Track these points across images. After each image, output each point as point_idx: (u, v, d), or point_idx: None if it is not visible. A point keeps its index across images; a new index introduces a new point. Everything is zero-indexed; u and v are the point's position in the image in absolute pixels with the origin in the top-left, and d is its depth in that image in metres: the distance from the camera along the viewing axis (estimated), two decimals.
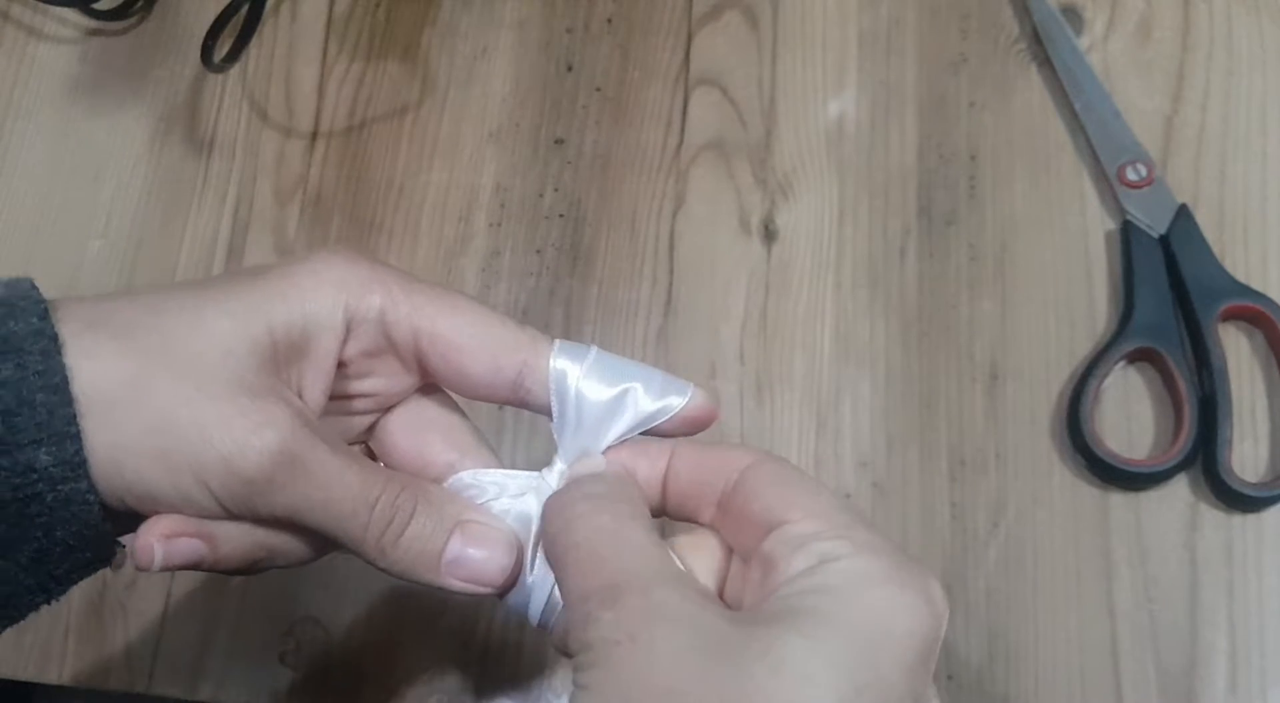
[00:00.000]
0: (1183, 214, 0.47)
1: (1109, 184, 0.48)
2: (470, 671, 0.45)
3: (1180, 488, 0.44)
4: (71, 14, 0.56)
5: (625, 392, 0.31)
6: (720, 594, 0.30)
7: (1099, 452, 0.44)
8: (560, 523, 0.29)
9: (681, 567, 0.29)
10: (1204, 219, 0.47)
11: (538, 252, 0.50)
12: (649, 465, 0.32)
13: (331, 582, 0.46)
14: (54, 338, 0.28)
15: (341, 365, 0.32)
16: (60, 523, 0.28)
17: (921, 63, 0.52)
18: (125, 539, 0.30)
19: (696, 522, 0.31)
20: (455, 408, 0.35)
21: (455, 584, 0.31)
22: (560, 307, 0.49)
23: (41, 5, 0.55)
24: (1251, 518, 0.44)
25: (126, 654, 0.46)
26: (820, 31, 0.52)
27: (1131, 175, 0.48)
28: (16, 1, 0.57)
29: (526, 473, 0.33)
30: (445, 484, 0.33)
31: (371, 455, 0.35)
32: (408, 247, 0.51)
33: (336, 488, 0.29)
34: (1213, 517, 0.44)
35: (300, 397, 0.31)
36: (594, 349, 0.32)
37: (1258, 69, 0.50)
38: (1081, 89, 0.50)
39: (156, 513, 0.29)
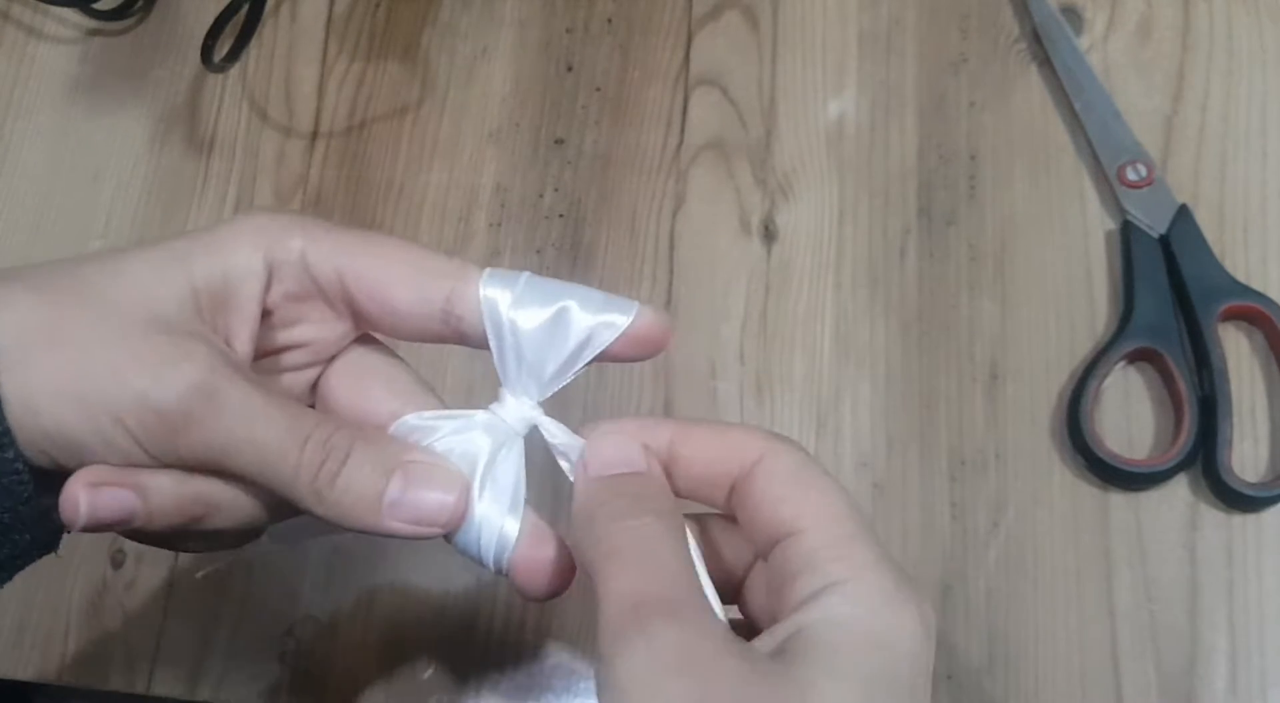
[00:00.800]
0: (1183, 214, 0.47)
1: (1109, 184, 0.48)
2: (470, 671, 0.45)
3: (1180, 488, 0.44)
4: (71, 14, 0.56)
5: (560, 311, 0.30)
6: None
7: (1099, 452, 0.44)
8: (605, 526, 0.28)
9: (709, 587, 0.28)
10: (1204, 219, 0.47)
11: (538, 252, 0.50)
12: (650, 441, 0.31)
13: (331, 582, 0.46)
14: None
15: (268, 314, 0.31)
16: None
17: (921, 63, 0.52)
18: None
19: (711, 506, 0.31)
20: (395, 357, 0.34)
21: (399, 527, 0.30)
22: None
23: (41, 5, 0.55)
24: (1251, 518, 0.44)
25: (126, 654, 0.46)
26: (820, 31, 0.52)
27: (1131, 175, 0.48)
28: (16, 1, 0.57)
29: (472, 410, 0.31)
30: (390, 431, 0.31)
31: None
32: None
33: (260, 425, 0.28)
34: (1213, 517, 0.44)
35: (229, 345, 0.30)
36: (525, 274, 0.31)
37: (1258, 69, 0.50)
38: (1081, 89, 0.50)
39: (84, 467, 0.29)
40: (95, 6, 0.54)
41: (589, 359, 0.31)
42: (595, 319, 0.30)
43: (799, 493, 0.29)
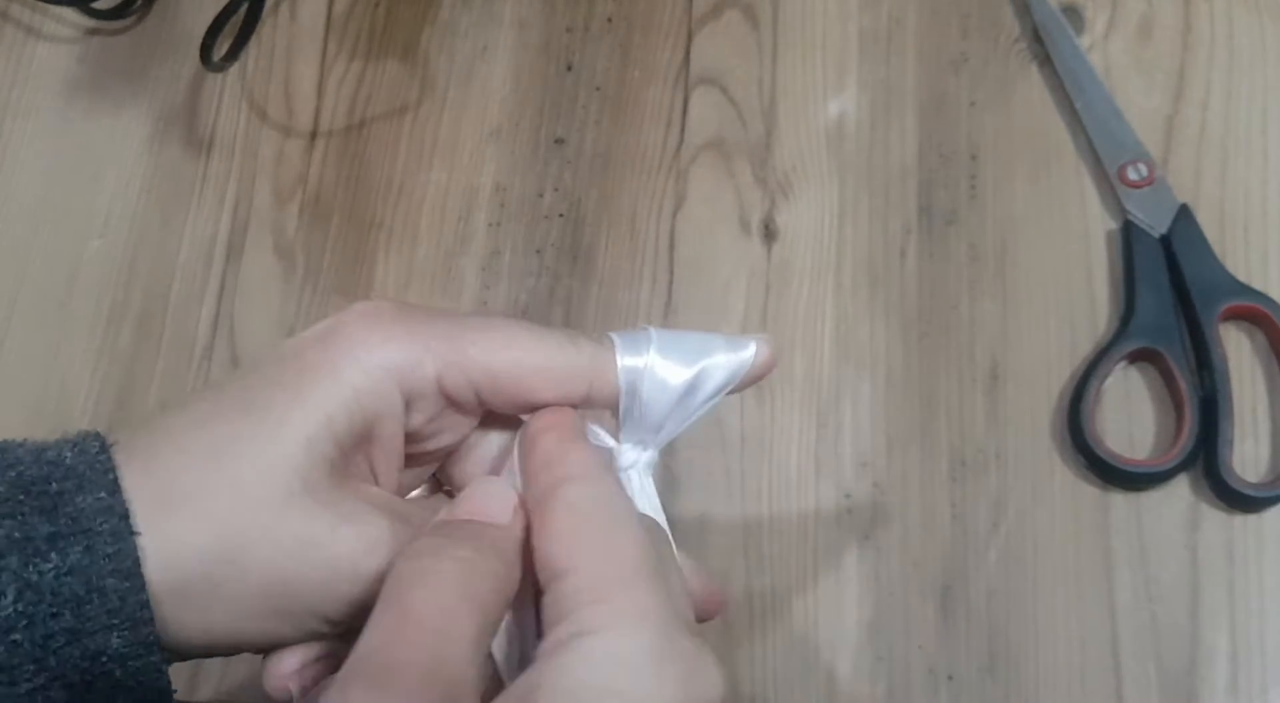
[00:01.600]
0: (1183, 214, 0.47)
1: (1110, 184, 0.48)
2: None
3: (1181, 488, 0.44)
4: (70, 13, 0.56)
5: (701, 372, 0.30)
6: None
7: (1099, 452, 0.44)
8: (413, 566, 0.26)
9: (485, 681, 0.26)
10: (1205, 219, 0.47)
11: (538, 251, 0.50)
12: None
13: None
14: (124, 516, 0.26)
15: (409, 437, 0.30)
16: (125, 692, 0.27)
17: (922, 62, 0.51)
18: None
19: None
20: (513, 422, 0.33)
21: None
22: (560, 307, 0.49)
23: (40, 5, 0.55)
24: (1252, 518, 0.44)
25: None
26: (820, 31, 0.52)
27: (1132, 175, 0.48)
28: (15, 1, 0.57)
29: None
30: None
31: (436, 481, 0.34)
32: (407, 246, 0.51)
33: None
34: (1214, 517, 0.44)
35: (376, 481, 0.30)
36: (652, 332, 0.31)
37: (1259, 68, 0.50)
38: (1082, 88, 0.50)
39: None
40: (94, 6, 0.54)
41: (713, 405, 0.31)
42: (724, 372, 0.31)
43: (579, 532, 0.26)
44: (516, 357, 0.29)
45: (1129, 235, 0.47)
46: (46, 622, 0.25)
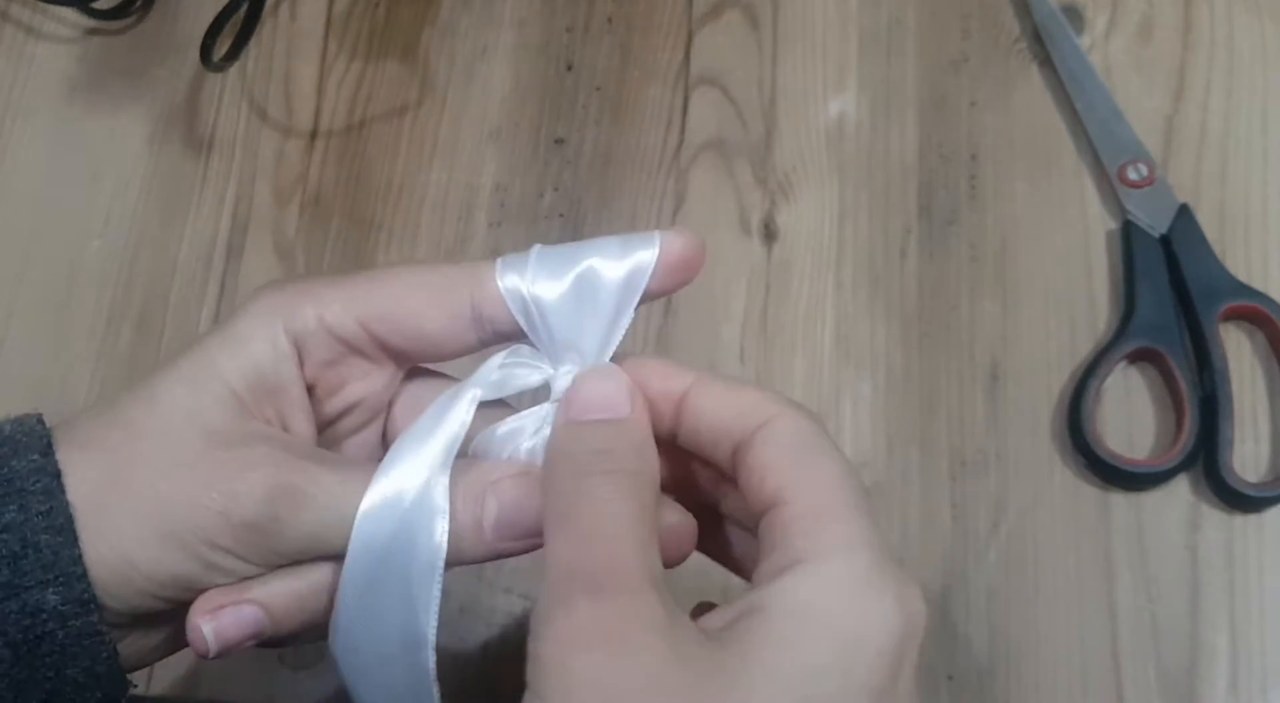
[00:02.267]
0: (1183, 214, 0.47)
1: (1110, 183, 0.48)
2: (469, 672, 0.44)
3: (1181, 488, 0.44)
4: (70, 13, 0.56)
5: (583, 273, 0.29)
6: None
7: (1100, 452, 0.44)
8: (569, 478, 0.27)
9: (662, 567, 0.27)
10: (1205, 219, 0.47)
11: None
12: (662, 385, 0.30)
13: None
14: (56, 475, 0.28)
15: (312, 388, 0.31)
16: (71, 660, 0.28)
17: (922, 62, 0.51)
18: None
19: (710, 462, 0.30)
20: (447, 378, 0.34)
21: (511, 546, 0.29)
22: None
23: (40, 5, 0.55)
24: (1253, 518, 0.44)
25: None
26: (820, 31, 0.52)
27: (1132, 175, 0.48)
28: (15, 1, 0.57)
29: (538, 408, 0.31)
30: (470, 453, 0.31)
31: None
32: (407, 246, 0.51)
33: (343, 502, 0.28)
34: (1214, 517, 0.44)
35: (288, 431, 0.30)
36: (535, 248, 0.30)
37: (1259, 68, 0.50)
38: (1082, 88, 0.50)
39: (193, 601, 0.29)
40: (94, 6, 0.54)
41: (634, 306, 0.29)
42: (624, 266, 0.29)
43: (791, 461, 0.27)
44: (395, 284, 0.30)
45: (1129, 235, 0.47)
46: None
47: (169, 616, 0.29)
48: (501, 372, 0.31)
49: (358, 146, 0.53)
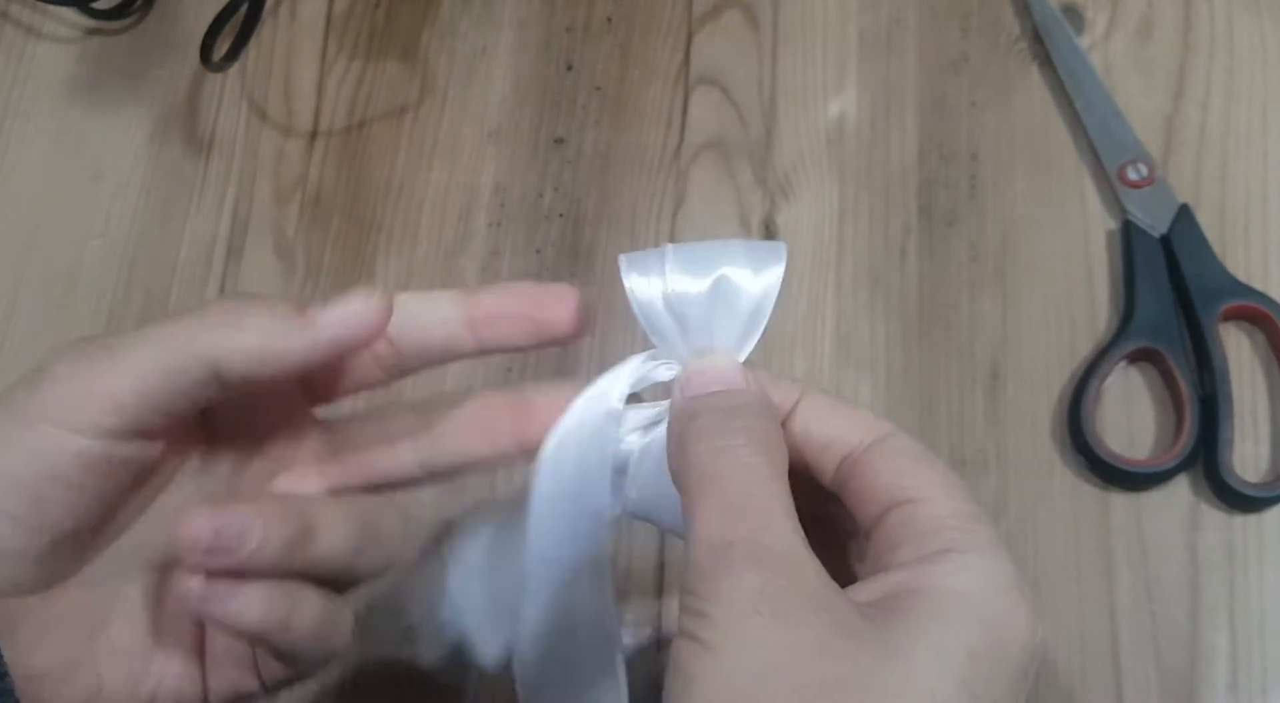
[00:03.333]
0: (1184, 214, 0.47)
1: (1110, 183, 0.48)
2: (469, 674, 0.44)
3: (1181, 488, 0.44)
4: (70, 13, 0.56)
5: (721, 278, 0.29)
6: None
7: (1100, 452, 0.44)
8: (707, 449, 0.27)
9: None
10: (1205, 219, 0.47)
11: (538, 251, 0.50)
12: (776, 395, 0.30)
13: None
14: None
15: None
16: None
17: (922, 62, 0.51)
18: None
19: (810, 477, 0.30)
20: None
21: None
22: None
23: (40, 4, 0.55)
24: (1253, 518, 0.44)
25: None
26: (820, 31, 0.52)
27: (1132, 175, 0.48)
28: (15, 1, 0.57)
29: (658, 403, 0.30)
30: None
31: None
32: (407, 246, 0.51)
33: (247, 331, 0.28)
34: (1214, 517, 0.44)
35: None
36: (669, 247, 0.30)
37: (1259, 68, 0.50)
38: (1082, 88, 0.50)
39: None
40: (94, 6, 0.54)
41: (767, 318, 0.30)
42: (760, 279, 0.29)
43: (922, 469, 0.28)
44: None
45: (1129, 235, 0.47)
46: None
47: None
48: (642, 371, 0.30)
49: (358, 146, 0.53)
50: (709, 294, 0.29)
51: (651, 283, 0.29)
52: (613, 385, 0.30)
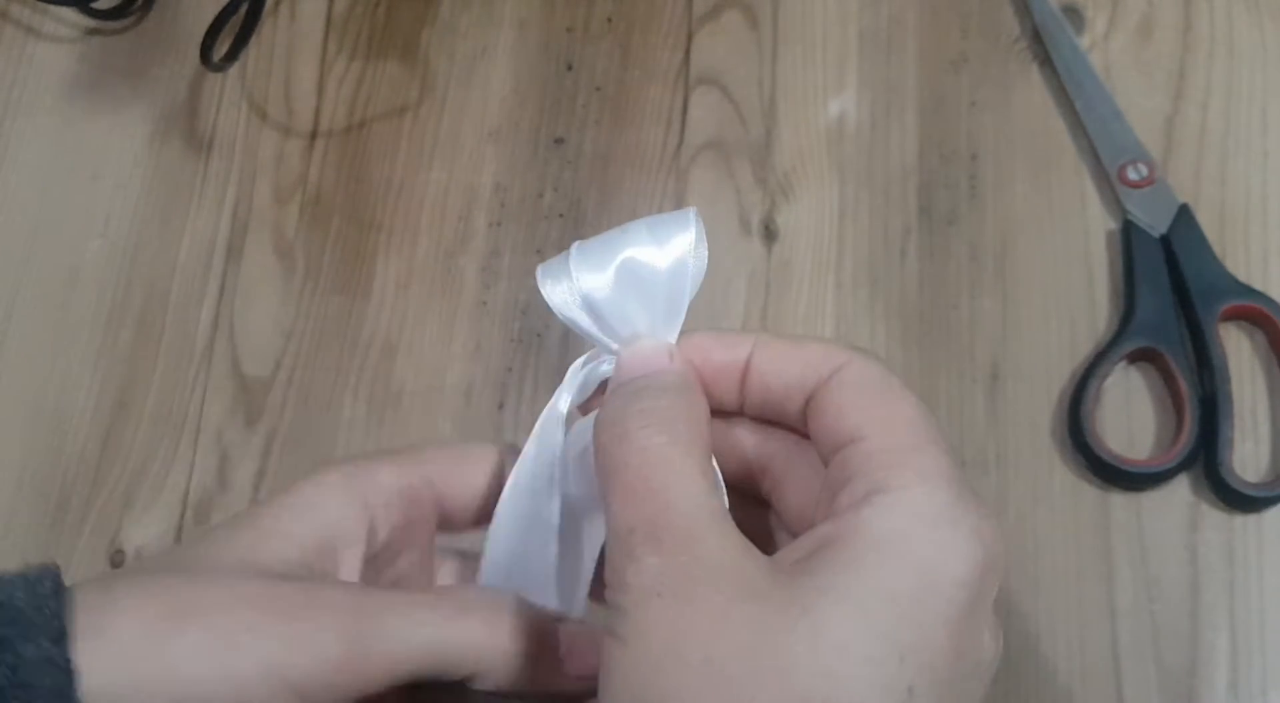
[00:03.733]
0: (1184, 214, 0.47)
1: (1110, 184, 0.48)
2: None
3: (1181, 488, 0.44)
4: (70, 13, 0.56)
5: (623, 264, 0.29)
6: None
7: (1100, 452, 0.44)
8: (610, 437, 0.27)
9: (725, 503, 0.26)
10: (1205, 219, 0.47)
11: (538, 251, 0.50)
12: (724, 356, 0.29)
13: None
14: (68, 671, 0.24)
15: (374, 558, 0.31)
16: None
17: (922, 62, 0.51)
18: None
19: (781, 425, 0.29)
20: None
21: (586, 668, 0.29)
22: None
23: (40, 4, 0.55)
24: (1253, 518, 0.44)
25: None
26: (820, 31, 0.52)
27: (1132, 175, 0.48)
28: (15, 1, 0.57)
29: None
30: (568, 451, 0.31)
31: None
32: (407, 246, 0.51)
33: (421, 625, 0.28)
34: (1214, 517, 0.44)
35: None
36: (574, 245, 0.29)
37: (1259, 68, 0.50)
38: (1082, 88, 0.50)
39: None
40: (94, 6, 0.54)
41: (689, 289, 0.29)
42: (665, 253, 0.29)
43: (868, 401, 0.27)
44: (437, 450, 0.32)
45: (1129, 235, 0.47)
46: None
47: None
48: (584, 373, 0.30)
49: (358, 146, 0.53)
50: (614, 282, 0.29)
51: (564, 286, 0.29)
52: (558, 394, 0.30)
